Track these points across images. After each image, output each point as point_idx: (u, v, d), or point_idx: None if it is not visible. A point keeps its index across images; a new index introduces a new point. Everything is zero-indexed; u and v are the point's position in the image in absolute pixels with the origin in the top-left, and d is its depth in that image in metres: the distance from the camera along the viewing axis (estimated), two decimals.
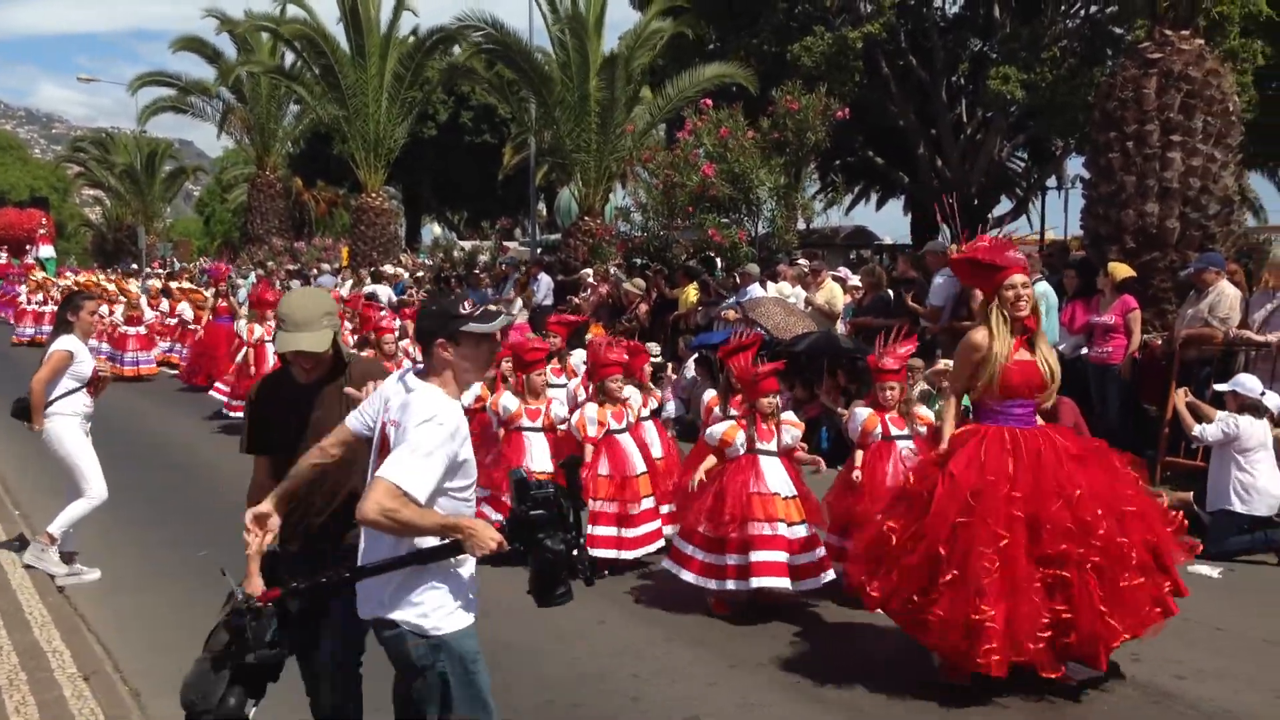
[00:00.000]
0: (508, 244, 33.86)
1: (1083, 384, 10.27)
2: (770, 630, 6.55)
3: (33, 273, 31.99)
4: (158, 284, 25.75)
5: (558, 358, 9.72)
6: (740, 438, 6.86)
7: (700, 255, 17.24)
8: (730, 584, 6.68)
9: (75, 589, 7.39)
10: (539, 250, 27.38)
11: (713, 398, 7.76)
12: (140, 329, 19.94)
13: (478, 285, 20.77)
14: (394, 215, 34.40)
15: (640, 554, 7.69)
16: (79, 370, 7.69)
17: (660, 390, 10.42)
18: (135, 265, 41.83)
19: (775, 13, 23.77)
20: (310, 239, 38.69)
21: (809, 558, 6.75)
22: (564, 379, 9.73)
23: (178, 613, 6.45)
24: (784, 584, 6.59)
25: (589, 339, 11.73)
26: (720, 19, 24.72)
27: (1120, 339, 10.32)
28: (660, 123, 24.04)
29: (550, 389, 8.81)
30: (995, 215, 28.30)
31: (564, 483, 3.63)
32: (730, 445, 6.86)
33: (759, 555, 6.56)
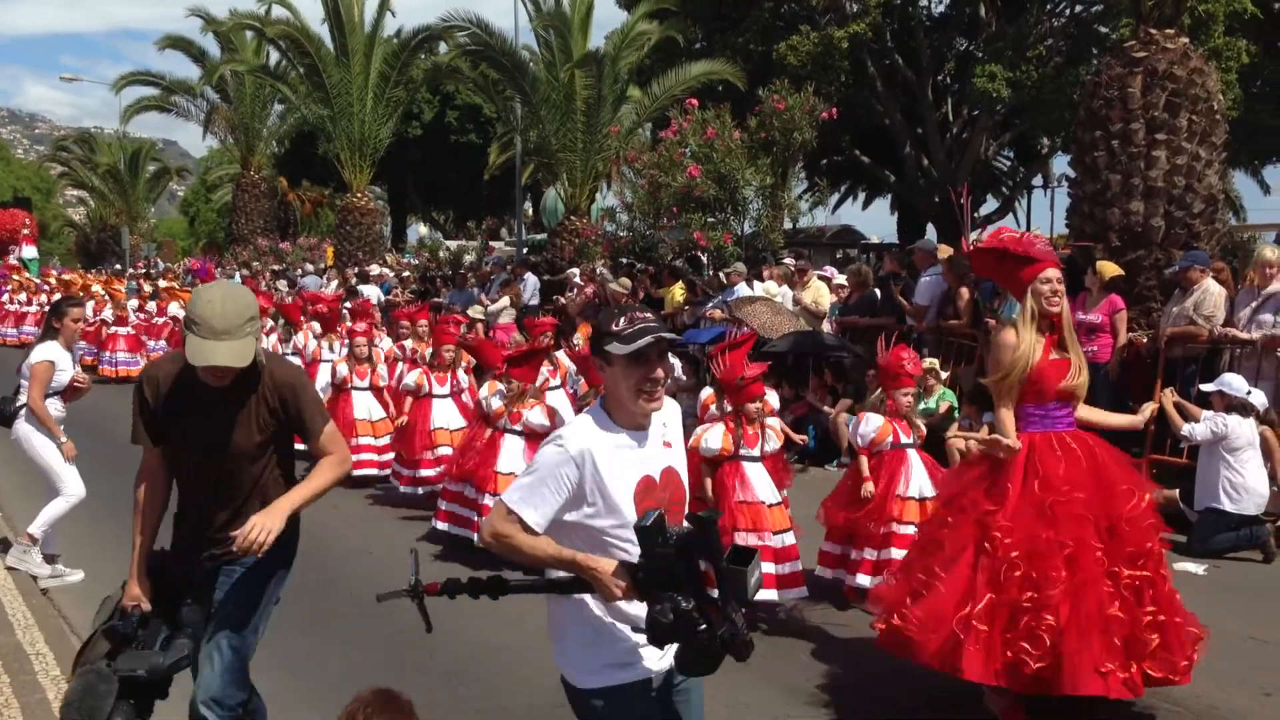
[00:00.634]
0: (494, 244, 33.84)
1: None
2: (759, 633, 6.51)
3: (16, 274, 31.80)
4: (150, 288, 25.67)
5: (548, 359, 9.73)
6: (730, 444, 6.74)
7: (687, 255, 17.24)
8: None
9: (59, 591, 7.35)
10: (525, 250, 27.33)
11: (709, 395, 7.68)
12: (128, 329, 19.85)
13: (464, 285, 20.74)
14: (379, 215, 34.34)
15: None
16: (58, 379, 7.69)
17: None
18: (119, 266, 41.63)
19: (761, 12, 23.78)
20: (295, 239, 38.56)
21: (792, 567, 6.65)
22: (557, 379, 9.79)
23: None
24: (771, 595, 6.52)
25: (575, 340, 11.74)
26: (707, 19, 24.72)
27: (1107, 338, 10.33)
28: (646, 122, 24.03)
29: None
30: (982, 214, 28.40)
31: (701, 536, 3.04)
32: (728, 454, 6.72)
33: None
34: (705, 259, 16.88)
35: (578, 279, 18.31)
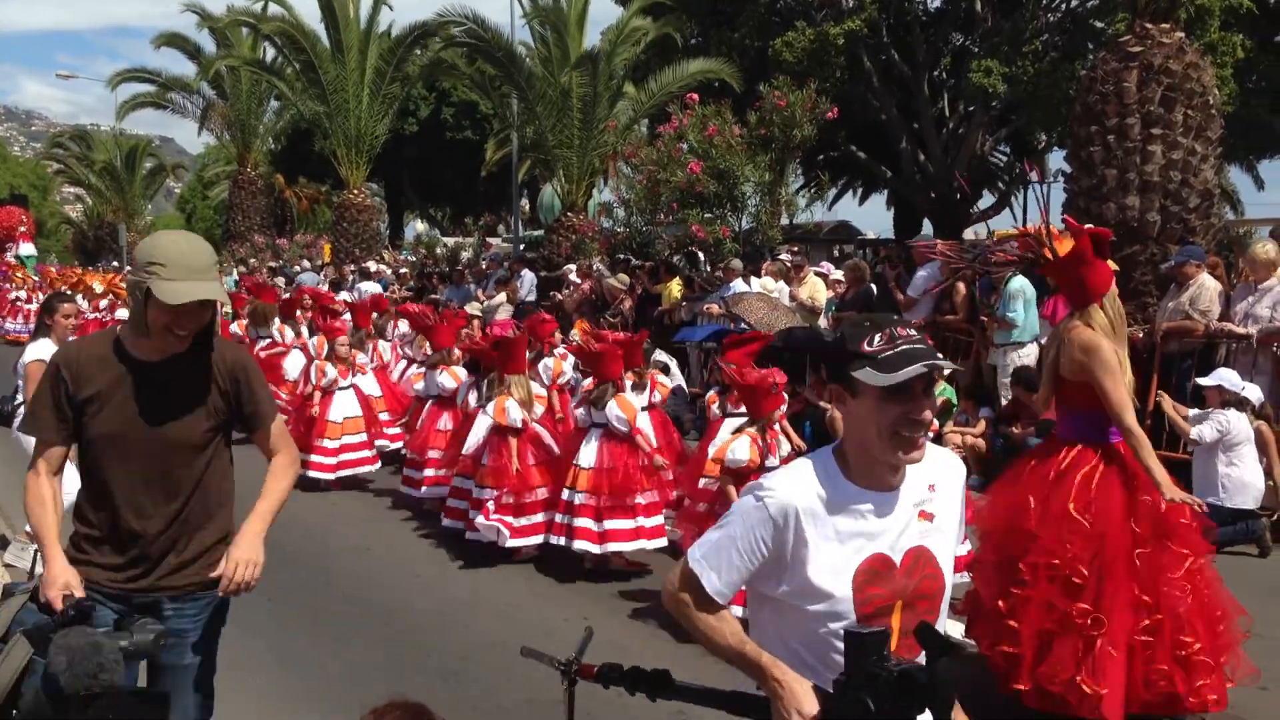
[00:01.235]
0: (491, 240, 33.81)
1: None
2: None
3: (14, 272, 31.80)
4: None
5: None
6: (758, 455, 6.46)
7: (684, 250, 17.24)
8: (738, 610, 6.57)
9: None
10: (522, 246, 27.32)
11: (711, 395, 7.65)
12: None
13: (461, 282, 20.74)
14: (376, 212, 34.30)
15: (632, 547, 7.52)
16: None
17: (672, 382, 10.44)
18: (116, 263, 41.58)
19: (757, 8, 23.77)
20: (292, 236, 38.55)
21: None
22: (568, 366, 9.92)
23: None
24: None
25: (573, 335, 11.75)
26: (702, 14, 24.70)
27: None
28: (643, 118, 24.02)
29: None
30: (979, 209, 28.42)
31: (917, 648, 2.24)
32: (755, 466, 6.36)
33: None
34: (702, 255, 16.87)
35: (574, 275, 18.31)
